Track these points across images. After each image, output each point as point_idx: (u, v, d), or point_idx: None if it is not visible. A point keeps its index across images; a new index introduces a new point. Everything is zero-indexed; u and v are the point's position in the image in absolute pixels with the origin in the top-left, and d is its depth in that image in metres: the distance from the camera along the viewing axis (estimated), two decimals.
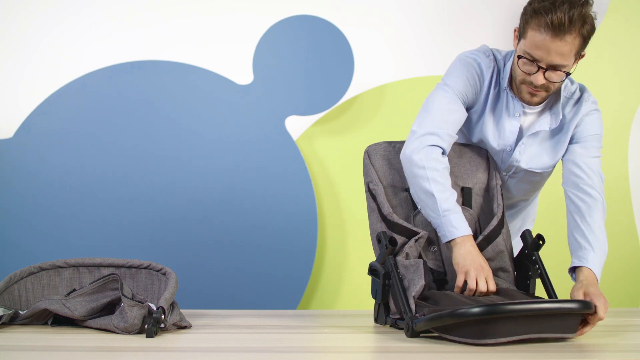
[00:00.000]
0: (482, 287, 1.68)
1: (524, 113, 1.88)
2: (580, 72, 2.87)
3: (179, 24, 2.80)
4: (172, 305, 1.67)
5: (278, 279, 2.76)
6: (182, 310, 1.71)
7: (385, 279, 1.69)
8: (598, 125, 1.92)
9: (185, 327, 1.64)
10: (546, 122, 1.88)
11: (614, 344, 1.54)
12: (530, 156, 1.91)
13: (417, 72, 2.88)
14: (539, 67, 1.74)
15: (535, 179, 2.00)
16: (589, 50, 2.87)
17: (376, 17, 2.85)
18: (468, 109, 1.91)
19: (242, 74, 2.80)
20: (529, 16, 1.72)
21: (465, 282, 1.68)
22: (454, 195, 1.77)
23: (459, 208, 1.76)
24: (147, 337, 1.52)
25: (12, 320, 1.69)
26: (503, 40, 2.82)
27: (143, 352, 1.40)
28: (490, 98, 1.89)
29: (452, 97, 1.87)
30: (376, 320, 1.74)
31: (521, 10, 1.81)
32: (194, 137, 2.77)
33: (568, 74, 1.77)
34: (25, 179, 2.73)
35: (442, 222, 1.74)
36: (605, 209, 1.88)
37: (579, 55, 1.78)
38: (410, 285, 1.64)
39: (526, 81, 1.79)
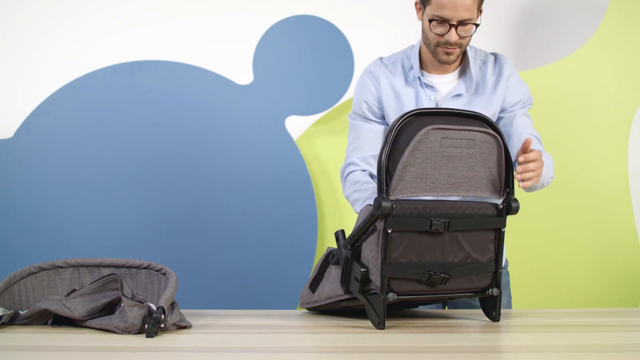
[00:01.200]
0: None
1: (438, 89, 2.05)
2: (580, 72, 2.88)
3: (179, 24, 2.80)
4: (172, 305, 1.67)
5: (278, 279, 2.76)
6: (182, 310, 1.71)
7: (353, 244, 1.71)
8: (523, 84, 2.11)
9: (185, 327, 1.64)
10: (462, 87, 2.05)
11: (614, 344, 1.54)
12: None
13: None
14: (450, 25, 1.92)
15: None
16: (589, 50, 2.88)
17: (376, 17, 2.84)
18: (383, 116, 2.10)
19: (242, 74, 2.80)
20: None
21: None
22: (357, 195, 1.97)
23: (361, 197, 1.92)
24: (147, 337, 1.51)
25: (12, 320, 1.69)
26: (502, 40, 2.82)
27: (143, 352, 1.40)
28: (397, 93, 2.06)
29: (354, 123, 2.11)
30: (377, 320, 1.70)
31: (521, 10, 1.84)
32: (194, 137, 2.77)
33: (477, 26, 1.95)
34: (25, 179, 2.73)
35: None
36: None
37: (479, 9, 1.97)
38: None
39: (440, 42, 1.96)
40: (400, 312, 1.91)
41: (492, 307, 1.79)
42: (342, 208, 2.83)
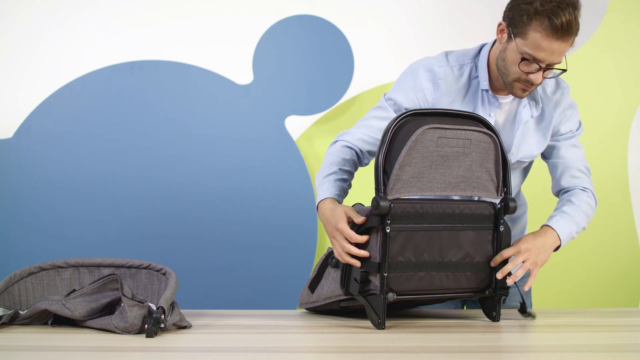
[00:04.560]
0: (339, 251, 1.70)
1: (499, 106, 1.93)
2: (581, 72, 2.88)
3: (179, 24, 2.80)
4: (172, 305, 1.67)
5: (278, 278, 2.76)
6: (182, 310, 1.71)
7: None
8: (577, 117, 2.01)
9: (185, 327, 1.64)
10: (527, 112, 1.93)
11: (614, 344, 1.54)
12: (518, 146, 1.95)
13: None
14: (540, 67, 1.78)
15: (519, 169, 2.04)
16: (589, 49, 2.88)
17: (376, 17, 2.84)
18: None
19: (242, 74, 2.80)
20: (531, 17, 1.75)
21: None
22: (330, 169, 1.85)
23: (328, 179, 1.83)
24: (147, 337, 1.51)
25: (12, 320, 1.69)
26: None
27: (143, 352, 1.40)
28: (453, 103, 1.90)
29: (385, 106, 1.91)
30: (377, 320, 1.70)
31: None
32: (194, 137, 2.78)
33: (564, 70, 1.83)
34: (25, 179, 2.73)
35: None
36: (594, 202, 2.00)
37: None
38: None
39: (522, 79, 1.81)
40: (400, 312, 1.92)
41: (492, 307, 1.79)
42: None
